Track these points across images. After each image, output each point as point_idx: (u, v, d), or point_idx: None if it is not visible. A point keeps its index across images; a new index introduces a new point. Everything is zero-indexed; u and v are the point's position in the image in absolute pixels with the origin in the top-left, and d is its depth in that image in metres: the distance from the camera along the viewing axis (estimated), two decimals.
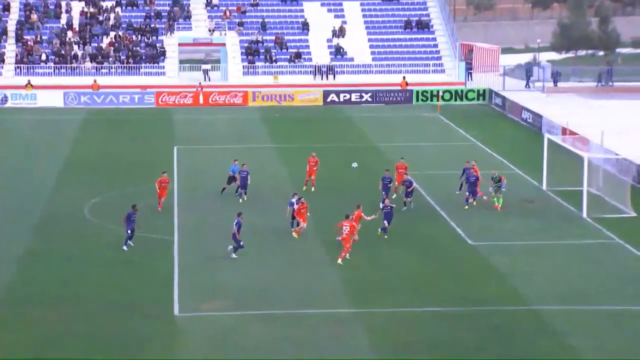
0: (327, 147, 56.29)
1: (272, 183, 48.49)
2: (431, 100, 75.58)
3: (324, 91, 76.39)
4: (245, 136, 62.64)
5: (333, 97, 75.90)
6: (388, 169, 45.01)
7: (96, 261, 36.40)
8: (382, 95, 76.34)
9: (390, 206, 38.92)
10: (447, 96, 76.13)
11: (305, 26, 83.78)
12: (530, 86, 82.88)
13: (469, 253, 37.71)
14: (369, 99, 76.03)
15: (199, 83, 77.65)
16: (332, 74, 79.88)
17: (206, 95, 75.42)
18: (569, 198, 44.87)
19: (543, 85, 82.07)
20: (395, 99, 76.16)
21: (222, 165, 52.06)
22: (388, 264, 36.02)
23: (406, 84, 77.39)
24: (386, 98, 76.22)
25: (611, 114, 70.39)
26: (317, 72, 79.93)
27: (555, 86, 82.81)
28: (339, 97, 75.88)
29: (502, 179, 43.56)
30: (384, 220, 38.61)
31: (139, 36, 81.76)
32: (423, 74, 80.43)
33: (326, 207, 41.72)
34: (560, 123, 59.46)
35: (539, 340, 29.06)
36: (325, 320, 30.47)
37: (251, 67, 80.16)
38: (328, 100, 75.82)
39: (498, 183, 43.40)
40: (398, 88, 77.27)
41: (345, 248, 35.89)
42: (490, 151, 57.12)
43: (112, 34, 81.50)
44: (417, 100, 76.05)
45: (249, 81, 78.86)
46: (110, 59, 79.35)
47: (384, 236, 38.66)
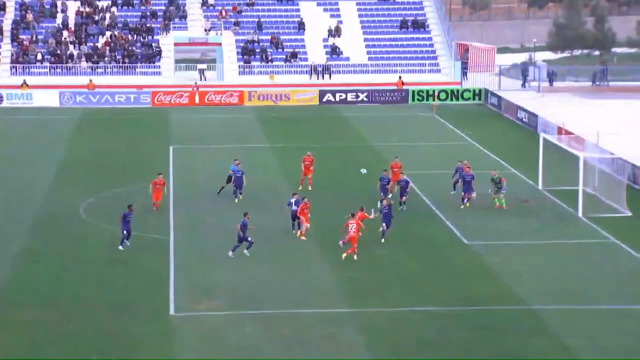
0: (323, 147, 56.31)
1: (268, 183, 48.49)
2: (427, 99, 75.61)
3: (320, 91, 76.39)
4: (241, 136, 62.63)
5: (329, 97, 75.91)
6: (386, 170, 45.04)
7: (92, 261, 36.38)
8: (378, 94, 76.35)
9: (388, 206, 38.95)
10: (443, 96, 76.16)
11: (301, 26, 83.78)
12: (526, 86, 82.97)
13: (465, 253, 37.73)
14: (365, 99, 76.05)
15: (195, 83, 77.62)
16: (328, 74, 79.89)
17: (202, 94, 75.40)
18: (565, 197, 44.91)
19: (539, 84, 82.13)
20: (391, 99, 76.18)
21: (218, 165, 52.08)
22: (383, 264, 36.03)
23: (402, 84, 77.41)
24: (382, 98, 76.24)
25: (607, 114, 70.48)
26: (313, 72, 79.94)
27: (550, 86, 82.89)
28: (335, 97, 75.89)
29: (502, 181, 43.55)
30: (383, 222, 38.48)
31: (135, 36, 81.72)
32: (419, 74, 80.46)
33: (322, 207, 41.67)
34: (555, 123, 59.53)
35: (534, 339, 29.08)
36: (320, 319, 30.48)
37: (247, 67, 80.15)
38: (324, 100, 75.83)
39: (498, 185, 43.38)
40: (394, 88, 77.29)
41: (353, 246, 35.93)
42: (486, 151, 57.15)
43: (108, 34, 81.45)
44: (413, 100, 76.07)
45: (245, 81, 78.84)
46: (106, 59, 79.32)
47: (381, 240, 38.52)
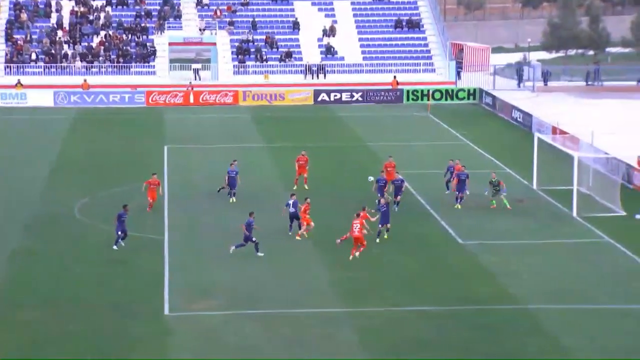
0: (318, 147, 56.30)
1: (263, 182, 48.46)
2: (422, 99, 75.65)
3: (315, 90, 76.39)
4: (235, 135, 62.60)
5: (324, 97, 75.91)
6: (383, 170, 44.99)
7: (86, 261, 36.34)
8: (373, 94, 76.37)
9: (387, 204, 39.04)
10: (438, 95, 76.20)
11: (295, 25, 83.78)
12: (520, 86, 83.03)
13: (459, 252, 37.75)
14: (360, 98, 76.06)
15: (190, 82, 77.57)
16: (323, 74, 79.89)
17: (197, 94, 75.36)
18: (559, 197, 44.95)
19: (533, 84, 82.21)
20: (385, 99, 76.20)
21: (213, 164, 52.08)
22: (379, 264, 36.03)
23: (397, 83, 77.43)
24: (377, 97, 76.27)
25: (601, 114, 70.57)
26: (308, 72, 79.93)
27: (545, 85, 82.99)
28: (330, 97, 75.89)
29: (501, 184, 43.54)
30: (380, 221, 38.46)
31: (129, 35, 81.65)
32: (413, 74, 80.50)
33: (318, 207, 41.54)
34: (550, 122, 59.59)
35: (530, 339, 29.09)
36: (317, 319, 30.47)
37: (242, 67, 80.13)
38: (319, 99, 75.83)
39: (496, 187, 43.33)
40: (389, 87, 77.31)
41: (355, 245, 35.95)
42: (480, 150, 57.19)
43: (103, 33, 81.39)
44: (408, 99, 76.10)
45: (240, 80, 78.83)
46: (100, 59, 79.24)
47: (385, 236, 38.54)
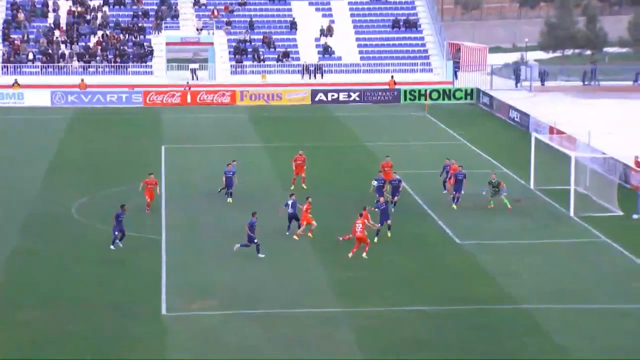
0: (316, 146, 56.30)
1: (261, 182, 48.45)
2: (419, 99, 75.66)
3: (312, 90, 76.39)
4: (233, 135, 62.59)
5: (321, 97, 75.92)
6: (381, 170, 44.99)
7: (84, 261, 36.32)
8: (370, 94, 76.38)
9: (386, 202, 39.10)
10: (435, 95, 76.22)
11: (293, 25, 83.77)
12: (518, 86, 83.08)
13: (457, 252, 37.76)
14: (357, 98, 76.07)
15: (187, 82, 77.56)
16: (320, 73, 79.89)
17: (194, 94, 75.35)
18: (557, 197, 44.98)
19: (530, 84, 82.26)
20: (383, 98, 76.21)
21: (210, 164, 52.08)
22: (377, 264, 36.03)
23: (394, 83, 77.44)
24: (374, 97, 76.27)
25: (598, 113, 70.63)
26: (305, 71, 79.94)
27: (542, 85, 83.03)
28: (327, 97, 75.90)
29: (502, 185, 43.52)
30: (380, 222, 38.47)
31: (127, 35, 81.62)
32: (411, 73, 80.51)
33: (316, 207, 41.46)
34: (547, 122, 59.63)
35: (528, 339, 29.11)
36: (315, 319, 30.47)
37: (239, 67, 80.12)
38: (316, 99, 75.84)
39: (496, 188, 43.29)
40: (386, 87, 77.32)
41: (357, 244, 36.00)
42: (478, 150, 57.22)
43: (100, 33, 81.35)
44: (405, 99, 76.11)
45: (237, 80, 78.81)
46: (97, 58, 79.21)
47: (388, 234, 38.72)
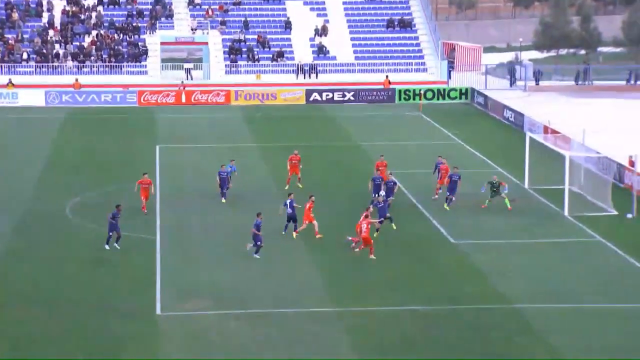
0: (310, 146, 56.28)
1: (255, 182, 48.42)
2: (413, 99, 75.67)
3: (307, 90, 76.37)
4: (227, 135, 62.55)
5: (316, 96, 75.89)
6: (378, 169, 44.95)
7: (77, 260, 36.28)
8: (365, 94, 76.37)
9: (384, 201, 39.10)
10: (430, 95, 76.23)
11: (287, 25, 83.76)
12: (512, 85, 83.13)
13: (451, 252, 37.76)
14: (352, 98, 76.07)
15: (181, 82, 77.49)
16: (315, 73, 79.88)
17: (188, 94, 75.30)
18: (551, 196, 45.01)
19: (525, 84, 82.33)
20: (377, 98, 76.21)
21: (205, 164, 52.04)
22: (369, 263, 36.02)
23: (389, 83, 77.44)
24: (369, 97, 76.27)
25: (593, 113, 70.70)
26: (300, 71, 79.92)
27: (537, 85, 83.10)
28: (322, 96, 75.89)
29: (503, 184, 43.48)
30: (379, 219, 38.49)
31: (121, 35, 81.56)
32: (405, 73, 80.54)
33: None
34: (542, 122, 59.67)
35: (520, 338, 29.12)
36: (306, 319, 30.47)
37: (233, 66, 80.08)
38: (311, 99, 75.82)
39: (495, 188, 43.22)
40: (381, 87, 77.31)
41: (365, 245, 36.03)
42: (472, 150, 57.24)
43: (94, 33, 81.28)
44: (400, 99, 76.12)
45: (232, 80, 78.78)
46: (92, 58, 79.14)
47: (393, 226, 39.37)
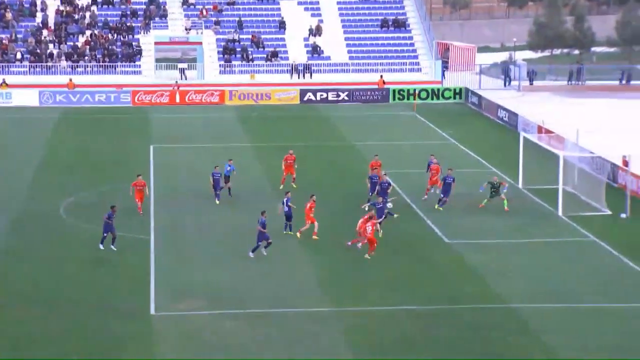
0: (305, 146, 56.28)
1: (250, 182, 48.38)
2: (408, 99, 75.70)
3: (301, 90, 76.37)
4: (222, 135, 62.52)
5: (310, 96, 75.89)
6: (376, 169, 44.93)
7: (72, 260, 36.26)
8: (359, 94, 76.38)
9: (384, 202, 39.16)
10: (424, 95, 76.26)
11: (282, 25, 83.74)
12: (506, 85, 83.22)
13: (446, 251, 37.80)
14: (346, 98, 76.07)
15: (176, 82, 77.43)
16: (309, 73, 79.87)
17: (183, 94, 75.25)
18: (545, 196, 45.07)
19: (519, 83, 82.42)
20: (372, 98, 76.22)
21: (199, 164, 52.01)
22: (365, 263, 36.05)
23: (383, 83, 77.47)
24: (363, 97, 76.27)
25: (587, 113, 70.80)
26: (294, 71, 79.91)
27: (531, 85, 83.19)
28: (316, 96, 75.88)
29: (503, 184, 43.52)
30: (377, 219, 38.54)
31: (115, 35, 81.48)
32: (399, 73, 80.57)
33: (303, 206, 41.56)
34: (536, 122, 59.75)
35: (515, 338, 29.16)
36: (302, 319, 30.48)
37: (228, 66, 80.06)
38: (305, 99, 75.82)
39: (495, 189, 43.23)
40: (375, 87, 77.33)
41: (372, 246, 36.14)
42: (466, 150, 57.29)
43: (88, 33, 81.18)
44: (394, 99, 76.14)
45: (226, 80, 78.75)
46: (86, 58, 79.04)
47: (395, 215, 40.09)
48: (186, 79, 79.62)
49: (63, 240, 38.90)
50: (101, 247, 37.15)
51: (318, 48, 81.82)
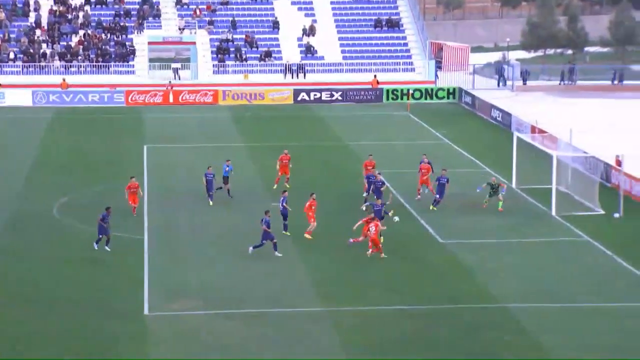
0: (298, 146, 56.26)
1: (243, 182, 48.34)
2: (401, 98, 75.74)
3: (295, 90, 76.36)
4: (215, 135, 62.49)
5: (303, 96, 75.89)
6: (377, 171, 44.86)
7: (65, 260, 36.23)
8: (353, 93, 76.40)
9: (382, 204, 39.21)
10: (417, 95, 76.30)
11: (275, 25, 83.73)
12: (500, 85, 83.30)
13: (440, 251, 37.83)
14: (340, 98, 76.08)
15: (169, 82, 77.38)
16: (303, 73, 79.88)
17: (176, 94, 75.20)
18: (538, 196, 45.13)
19: (512, 83, 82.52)
20: (365, 98, 76.24)
21: (192, 164, 51.98)
22: (359, 262, 36.06)
23: (377, 83, 77.49)
24: (357, 97, 76.29)
25: (580, 113, 70.90)
26: (288, 71, 79.91)
27: (524, 85, 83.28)
28: (310, 96, 75.89)
29: (502, 185, 43.56)
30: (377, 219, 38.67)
31: (108, 35, 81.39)
32: (393, 73, 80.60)
33: (299, 207, 41.52)
34: (529, 121, 59.82)
35: (510, 337, 29.16)
36: (296, 318, 30.49)
37: (221, 66, 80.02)
38: (299, 98, 75.82)
39: (495, 189, 43.26)
40: (368, 87, 77.35)
41: (378, 247, 36.14)
42: (460, 150, 57.33)
43: (81, 33, 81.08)
44: (388, 99, 76.17)
45: (219, 80, 78.71)
46: (79, 58, 78.95)
47: (392, 214, 39.55)
48: (180, 79, 79.58)
49: (56, 240, 38.85)
50: (95, 247, 37.11)
51: (312, 48, 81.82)
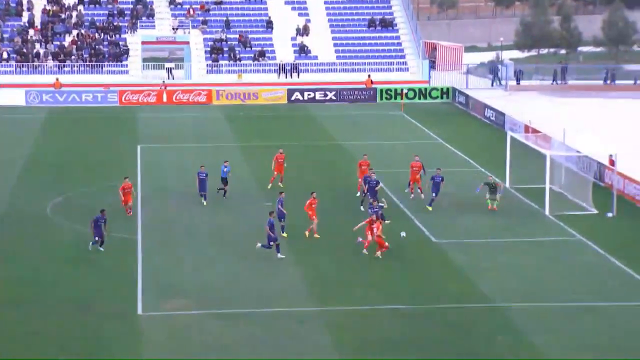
0: (292, 146, 56.23)
1: (237, 182, 48.32)
2: (395, 98, 75.78)
3: (288, 89, 76.36)
4: (209, 135, 62.46)
5: (297, 96, 75.89)
6: (372, 168, 44.92)
7: (58, 260, 36.20)
8: (347, 93, 76.41)
9: (380, 206, 39.22)
10: (411, 94, 76.34)
11: (269, 24, 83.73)
12: (494, 84, 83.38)
13: (433, 251, 37.85)
14: (333, 97, 76.10)
15: (163, 81, 77.34)
16: (297, 73, 79.87)
17: (170, 93, 75.16)
18: (532, 196, 45.17)
19: (506, 83, 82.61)
20: (359, 98, 76.25)
21: (186, 164, 51.96)
22: (350, 262, 36.08)
23: (371, 82, 77.51)
24: (350, 96, 76.30)
25: (573, 112, 70.99)
26: (282, 71, 79.89)
27: (518, 84, 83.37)
28: (304, 96, 75.89)
29: (499, 185, 43.59)
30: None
31: (102, 34, 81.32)
32: (387, 72, 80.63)
33: (292, 207, 41.52)
34: (522, 121, 59.89)
35: (501, 337, 29.18)
36: (287, 318, 30.50)
37: (215, 66, 79.99)
38: (292, 98, 75.81)
39: (493, 188, 43.25)
40: (362, 86, 77.37)
41: (384, 245, 36.15)
42: (453, 149, 57.37)
43: (75, 32, 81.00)
44: (381, 98, 76.20)
45: (213, 79, 78.69)
46: (72, 57, 78.87)
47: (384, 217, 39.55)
48: (173, 79, 79.54)
49: (50, 239, 38.81)
50: (90, 248, 37.06)
51: (305, 48, 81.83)
